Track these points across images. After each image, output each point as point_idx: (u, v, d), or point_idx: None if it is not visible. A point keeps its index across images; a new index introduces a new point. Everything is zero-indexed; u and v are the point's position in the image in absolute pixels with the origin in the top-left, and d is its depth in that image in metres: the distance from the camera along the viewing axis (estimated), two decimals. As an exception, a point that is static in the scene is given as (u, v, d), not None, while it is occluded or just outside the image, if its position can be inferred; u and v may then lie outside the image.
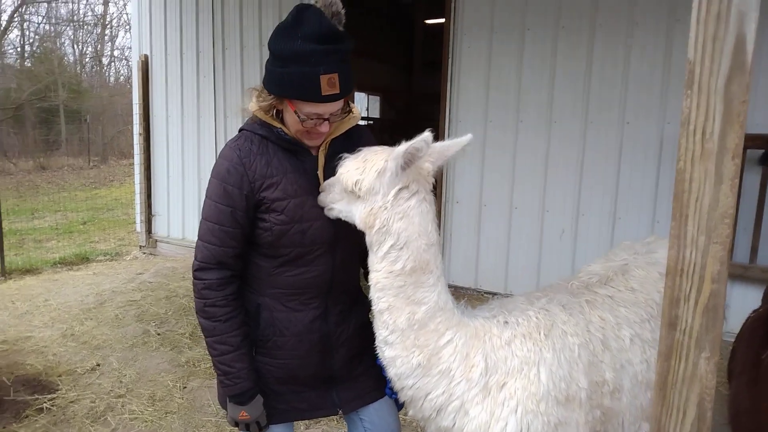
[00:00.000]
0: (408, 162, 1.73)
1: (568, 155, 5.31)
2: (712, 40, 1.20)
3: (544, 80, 5.36)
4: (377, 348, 1.91)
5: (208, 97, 7.51)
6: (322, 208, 1.99)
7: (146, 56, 8.02)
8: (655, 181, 4.98)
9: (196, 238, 2.03)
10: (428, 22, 9.93)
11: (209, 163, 7.49)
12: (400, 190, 1.78)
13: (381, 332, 1.86)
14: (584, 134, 5.23)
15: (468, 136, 1.81)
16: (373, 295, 1.86)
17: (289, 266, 2.01)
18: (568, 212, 5.37)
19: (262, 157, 1.97)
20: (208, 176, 2.04)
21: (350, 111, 2.08)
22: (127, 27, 22.27)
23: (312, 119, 1.89)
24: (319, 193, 1.99)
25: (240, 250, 2.00)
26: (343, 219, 1.93)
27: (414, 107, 11.88)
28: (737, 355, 2.24)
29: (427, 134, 1.69)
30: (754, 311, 2.37)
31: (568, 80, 5.26)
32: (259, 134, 2.00)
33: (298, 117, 1.88)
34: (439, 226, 1.89)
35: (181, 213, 7.91)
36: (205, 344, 2.03)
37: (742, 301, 4.11)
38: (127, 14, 22.49)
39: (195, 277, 1.98)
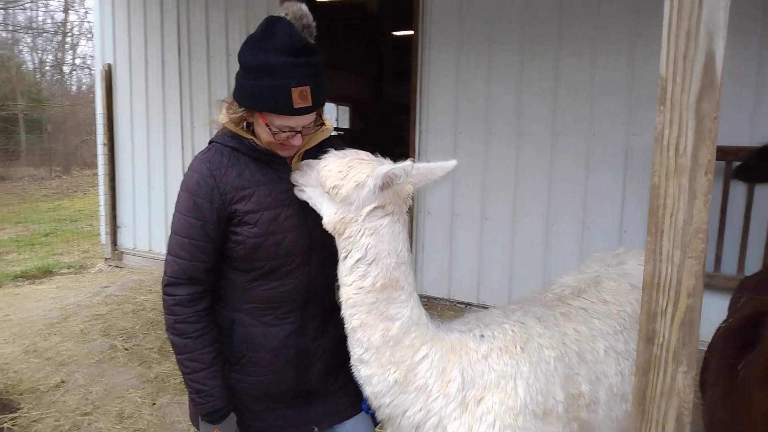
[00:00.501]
0: (386, 184, 1.72)
1: (538, 166, 5.38)
2: (683, 58, 1.22)
3: (512, 91, 5.43)
4: (352, 367, 1.89)
5: (174, 107, 7.40)
6: (297, 219, 1.97)
7: (109, 65, 7.87)
8: (622, 191, 5.08)
9: (163, 251, 1.99)
10: (396, 33, 9.98)
11: (176, 174, 7.38)
12: (375, 208, 1.77)
13: (356, 351, 1.84)
14: (553, 145, 5.31)
15: (453, 162, 1.81)
16: (345, 312, 1.84)
17: (264, 280, 1.98)
18: (539, 222, 5.43)
19: (233, 169, 1.94)
20: (175, 187, 2.00)
21: (323, 123, 2.07)
22: (89, 35, 21.82)
23: (284, 132, 1.87)
24: (292, 205, 1.97)
25: (211, 265, 1.96)
26: (310, 205, 1.91)
27: (384, 117, 11.92)
28: (711, 365, 2.27)
29: (408, 163, 1.70)
30: (725, 321, 2.42)
31: (536, 91, 5.33)
32: (229, 146, 1.97)
33: (270, 130, 1.86)
34: (411, 237, 1.88)
35: (148, 224, 7.75)
36: (174, 359, 1.99)
37: (707, 310, 4.16)
38: (88, 22, 22.05)
39: (165, 293, 1.93)
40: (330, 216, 1.83)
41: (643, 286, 1.30)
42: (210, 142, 2.04)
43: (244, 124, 1.96)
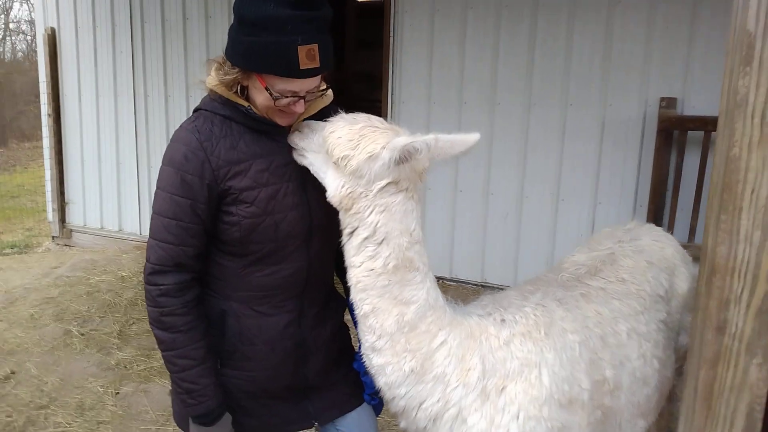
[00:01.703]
0: (404, 158, 1.53)
1: (512, 136, 5.26)
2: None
3: (487, 59, 5.26)
4: (363, 355, 1.72)
5: (125, 75, 6.93)
6: (298, 196, 1.76)
7: (53, 29, 7.29)
8: (597, 162, 5.02)
9: (116, 228, 1.76)
10: (362, 0, 9.66)
11: (128, 145, 6.96)
12: (388, 183, 1.59)
13: (368, 338, 1.67)
14: (527, 115, 5.19)
15: (476, 135, 1.62)
16: (355, 296, 1.66)
17: (260, 265, 1.78)
18: (512, 194, 5.34)
19: (226, 140, 1.71)
20: (129, 160, 1.76)
21: (327, 89, 1.85)
22: (25, -2, 20.42)
23: (286, 97, 1.64)
24: (292, 179, 1.76)
25: (201, 249, 1.74)
26: (311, 172, 1.71)
27: (347, 87, 11.61)
28: None
29: (431, 137, 1.50)
30: None
31: (511, 61, 5.18)
32: (221, 114, 1.73)
33: (270, 94, 1.63)
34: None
35: (99, 200, 7.31)
36: (136, 344, 1.78)
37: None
38: (23, -17, 20.59)
39: (148, 282, 1.70)
40: (336, 188, 1.63)
41: (714, 270, 1.17)
42: (195, 110, 1.80)
43: (238, 87, 1.73)
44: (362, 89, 9.28)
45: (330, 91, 1.91)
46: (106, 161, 7.19)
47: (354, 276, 1.64)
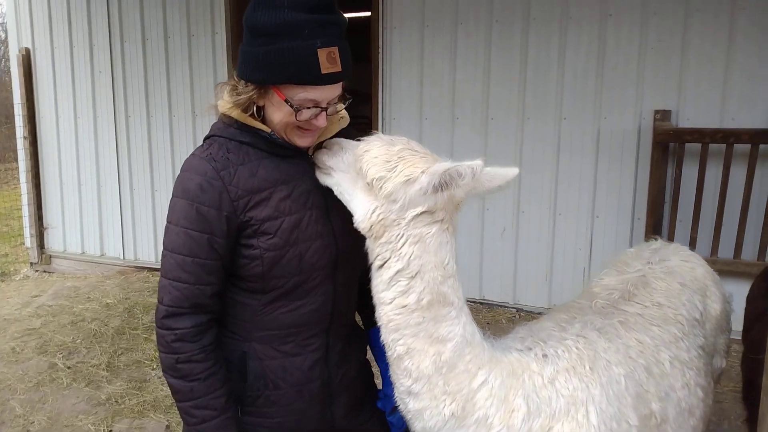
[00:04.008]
0: (444, 185, 1.42)
1: (506, 151, 5.20)
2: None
3: (478, 75, 5.21)
4: (398, 400, 1.60)
5: (105, 96, 6.74)
6: (322, 224, 1.65)
7: (27, 50, 7.08)
8: (593, 177, 4.98)
9: (97, 252, 1.62)
10: (347, 15, 9.59)
11: (110, 167, 6.75)
12: (423, 212, 1.48)
13: (403, 382, 1.55)
14: (522, 129, 5.14)
15: (514, 170, 1.53)
16: (387, 337, 1.54)
17: (283, 300, 1.65)
18: (509, 209, 5.27)
19: (244, 168, 1.58)
20: (110, 183, 1.62)
21: (344, 105, 1.75)
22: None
23: (307, 108, 1.53)
24: (315, 207, 1.65)
25: (219, 287, 1.61)
26: (334, 192, 1.60)
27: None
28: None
29: (478, 162, 1.40)
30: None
31: (504, 76, 5.14)
32: (237, 140, 1.61)
33: (291, 106, 1.51)
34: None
35: (79, 224, 7.07)
36: (126, 377, 1.65)
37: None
38: (-5, 3, 20.17)
39: (162, 326, 1.56)
40: (365, 213, 1.52)
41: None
42: (207, 137, 1.67)
43: (254, 109, 1.61)
44: (349, 106, 9.19)
45: (346, 114, 1.81)
46: (86, 184, 6.97)
47: (384, 314, 1.53)
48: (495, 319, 5.18)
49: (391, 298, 1.52)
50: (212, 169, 1.55)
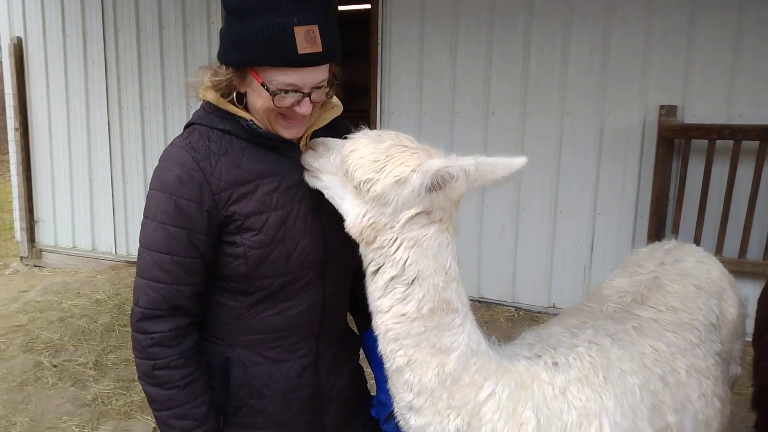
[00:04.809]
0: (436, 185, 1.30)
1: (507, 147, 5.07)
2: None
3: (479, 68, 5.08)
4: (398, 415, 1.48)
5: (98, 86, 6.58)
6: (311, 220, 1.52)
7: (19, 39, 6.91)
8: (596, 174, 4.86)
9: (89, 246, 1.49)
10: (343, 8, 9.42)
11: (102, 160, 6.60)
12: (418, 213, 1.35)
13: (403, 396, 1.43)
14: (523, 125, 5.02)
15: (521, 160, 1.39)
16: (385, 347, 1.42)
17: (269, 302, 1.53)
18: (509, 206, 5.15)
19: (226, 158, 1.45)
20: (102, 176, 1.49)
21: (334, 94, 1.62)
22: (-10, 8, 19.76)
23: (287, 92, 1.39)
24: (304, 201, 1.52)
25: (199, 288, 1.48)
26: (325, 195, 1.48)
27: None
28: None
29: (469, 161, 1.27)
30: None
31: (505, 70, 5.01)
32: (218, 128, 1.48)
33: (268, 90, 1.38)
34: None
35: (71, 218, 6.92)
36: (114, 376, 1.58)
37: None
38: (-11, -6, 19.93)
39: (138, 330, 1.44)
40: (356, 217, 1.39)
41: None
42: (188, 125, 1.54)
43: (234, 95, 1.48)
44: (344, 99, 9.07)
45: (338, 102, 1.68)
46: (78, 177, 6.81)
47: (382, 323, 1.40)
48: (493, 317, 5.06)
49: (389, 306, 1.39)
50: (192, 159, 1.42)
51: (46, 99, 6.86)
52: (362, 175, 1.36)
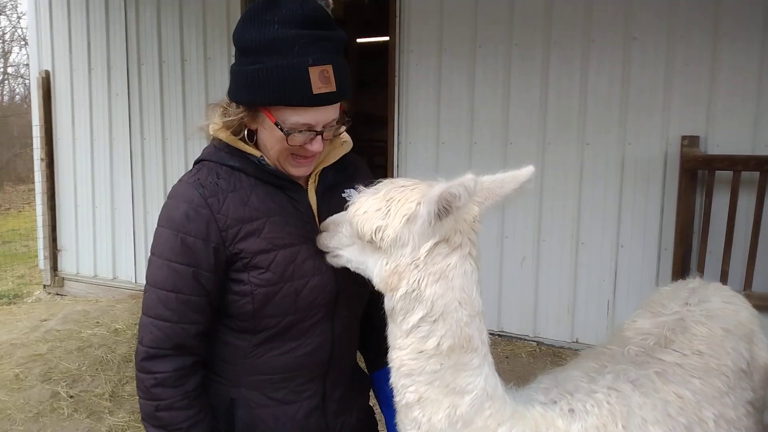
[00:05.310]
0: (445, 210, 1.26)
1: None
2: None
3: (498, 98, 5.06)
4: (404, 456, 1.41)
5: (121, 118, 6.71)
6: (320, 259, 1.49)
7: (47, 72, 7.11)
8: (617, 205, 4.77)
9: (109, 276, 1.47)
10: (361, 40, 9.55)
11: (124, 190, 6.69)
12: (437, 244, 1.31)
13: (411, 433, 1.37)
14: (542, 155, 4.96)
15: (528, 169, 1.38)
16: (397, 382, 1.37)
17: (276, 341, 1.49)
18: (529, 237, 5.07)
19: (235, 195, 1.44)
20: (124, 206, 1.49)
21: (344, 128, 1.60)
22: (23, 42, 20.43)
23: (300, 132, 1.38)
24: (312, 239, 1.50)
25: (205, 327, 1.45)
26: (351, 270, 1.45)
27: (349, 129, 11.49)
28: None
29: (468, 177, 1.24)
30: None
31: (524, 100, 4.99)
32: (227, 165, 1.47)
33: (282, 130, 1.37)
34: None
35: (92, 247, 7.01)
36: (129, 408, 1.52)
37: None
38: (22, 28, 20.63)
39: (141, 370, 1.41)
40: (380, 270, 1.37)
41: None
42: (197, 162, 1.53)
43: (245, 133, 1.47)
44: (362, 130, 9.13)
45: (348, 138, 1.66)
46: (100, 206, 6.92)
47: (397, 358, 1.36)
48: (514, 353, 4.95)
49: (409, 344, 1.36)
50: (200, 196, 1.41)
51: (71, 130, 7.01)
52: (372, 227, 1.34)
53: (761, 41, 4.25)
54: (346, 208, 1.42)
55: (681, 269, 4.39)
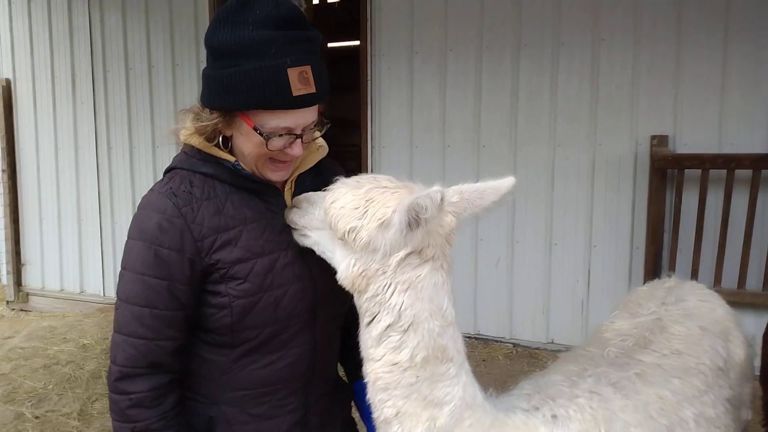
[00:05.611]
0: (413, 221, 1.23)
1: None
2: None
3: (469, 101, 5.08)
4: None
5: (87, 127, 6.54)
6: (299, 266, 1.45)
7: (8, 80, 6.90)
8: (589, 205, 4.82)
9: (77, 289, 1.41)
10: (332, 45, 9.52)
11: (91, 201, 6.52)
12: (409, 254, 1.29)
13: (391, 450, 1.34)
14: (514, 157, 4.99)
15: (509, 180, 1.36)
16: (374, 397, 1.34)
17: (256, 354, 1.44)
18: (503, 239, 5.09)
19: (209, 203, 1.39)
20: (91, 218, 1.43)
21: (320, 132, 1.57)
22: (-18, 50, 19.86)
23: (280, 136, 1.35)
24: (291, 246, 1.46)
25: (181, 342, 1.40)
26: (317, 253, 1.42)
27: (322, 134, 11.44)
28: None
29: (435, 189, 1.20)
30: None
31: (495, 102, 5.01)
32: (201, 172, 1.42)
33: (261, 135, 1.33)
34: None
35: (59, 260, 6.81)
36: (99, 426, 1.47)
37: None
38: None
39: (115, 390, 1.35)
40: (346, 269, 1.34)
41: None
42: (168, 170, 1.48)
43: (219, 139, 1.43)
44: (335, 134, 9.09)
45: (324, 142, 1.63)
46: (66, 218, 6.73)
47: (372, 371, 1.33)
48: (491, 355, 4.95)
49: (381, 355, 1.32)
50: (173, 205, 1.36)
51: (34, 140, 6.81)
52: (346, 225, 1.30)
53: (723, 37, 4.33)
54: (323, 190, 1.39)
55: (653, 267, 4.46)
